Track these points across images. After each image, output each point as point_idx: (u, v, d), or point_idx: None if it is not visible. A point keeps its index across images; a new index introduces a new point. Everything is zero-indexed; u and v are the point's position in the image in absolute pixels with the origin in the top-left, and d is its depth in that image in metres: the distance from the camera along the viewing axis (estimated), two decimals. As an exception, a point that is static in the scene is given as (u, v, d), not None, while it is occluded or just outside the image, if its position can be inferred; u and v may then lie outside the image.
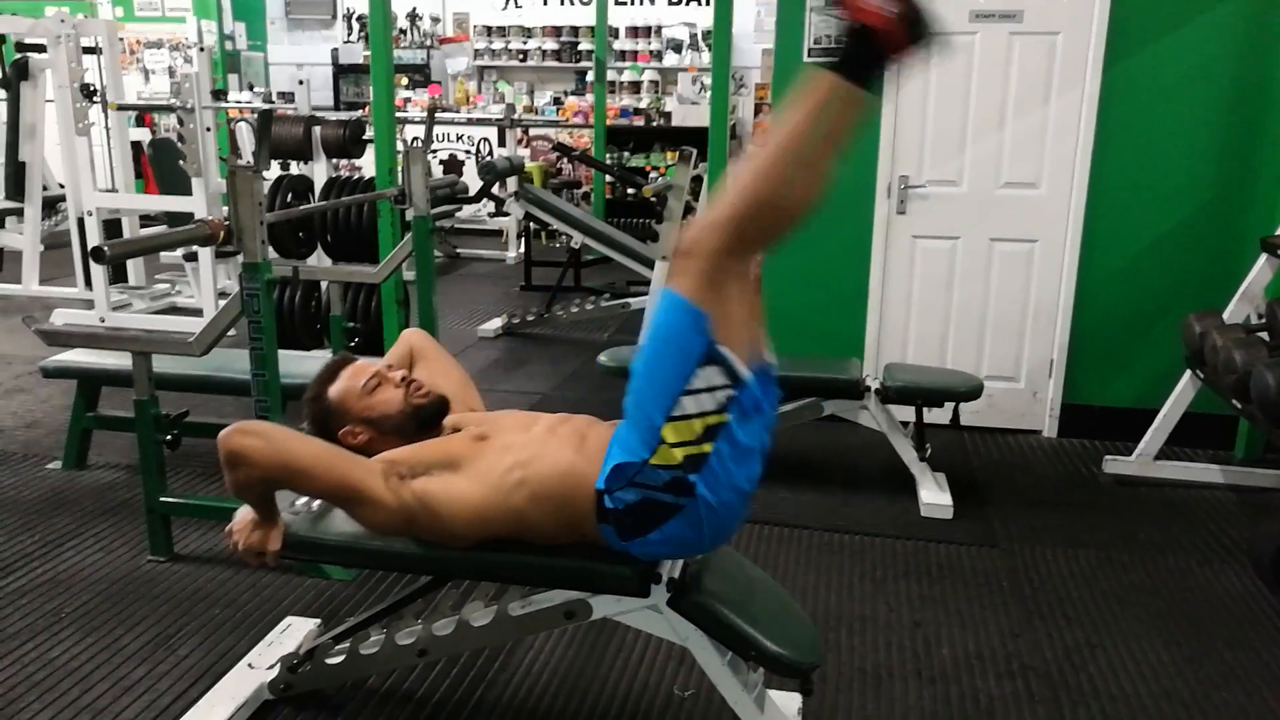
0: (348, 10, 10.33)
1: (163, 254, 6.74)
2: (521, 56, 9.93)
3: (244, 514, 1.97)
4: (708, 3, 9.11)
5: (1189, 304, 3.70)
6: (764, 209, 1.61)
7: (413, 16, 10.09)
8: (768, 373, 1.75)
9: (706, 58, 8.91)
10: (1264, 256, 3.43)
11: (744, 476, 1.75)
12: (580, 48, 9.74)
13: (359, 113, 8.13)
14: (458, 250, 8.09)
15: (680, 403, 1.68)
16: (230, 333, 2.82)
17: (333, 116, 6.21)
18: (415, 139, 7.19)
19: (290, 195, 4.96)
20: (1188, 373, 3.53)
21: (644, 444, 1.72)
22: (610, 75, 9.04)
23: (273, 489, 1.91)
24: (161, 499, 2.91)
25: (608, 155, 7.94)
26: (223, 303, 3.11)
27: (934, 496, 3.35)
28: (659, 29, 9.50)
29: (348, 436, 2.03)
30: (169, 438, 2.88)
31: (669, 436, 1.69)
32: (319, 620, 2.49)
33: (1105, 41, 3.71)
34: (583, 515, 1.82)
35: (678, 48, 9.48)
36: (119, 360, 3.26)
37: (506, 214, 6.96)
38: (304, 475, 1.83)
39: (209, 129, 5.14)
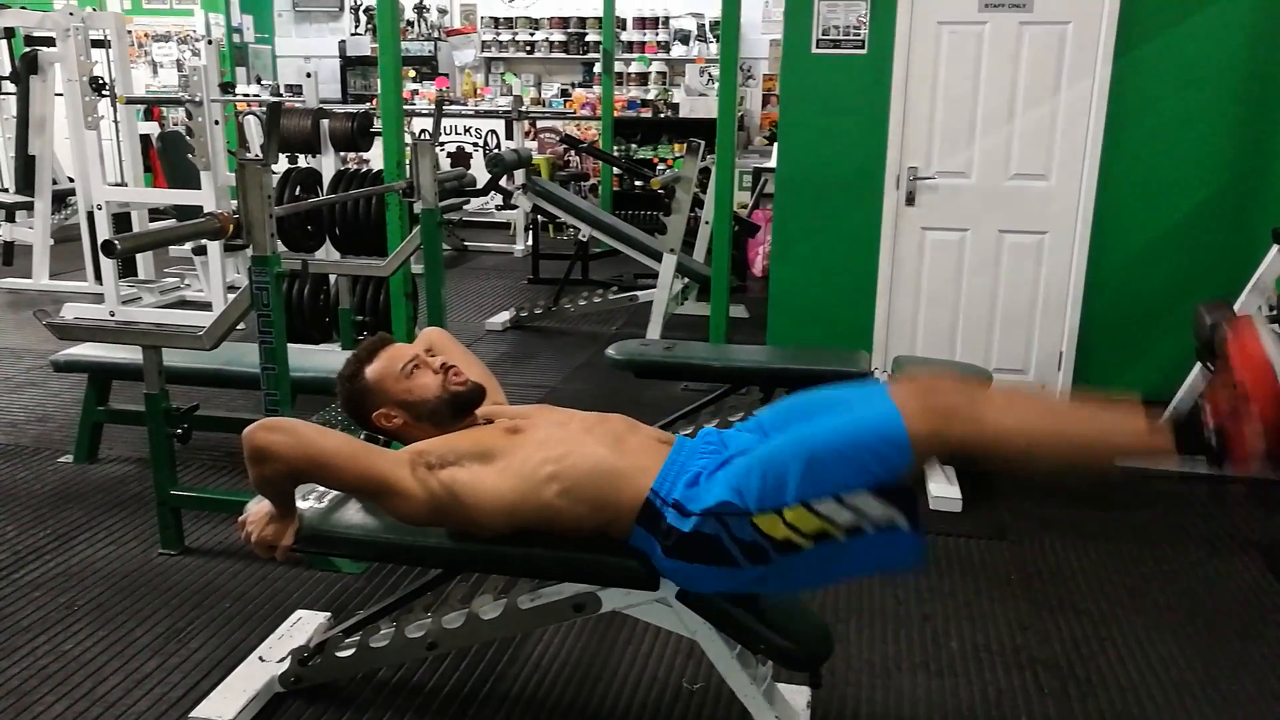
0: (355, 2, 10.33)
1: (172, 248, 6.76)
2: (529, 48, 9.91)
3: (259, 506, 1.97)
4: (715, -7, 9.07)
5: (1199, 295, 3.69)
6: (1018, 459, 1.63)
7: (420, 8, 10.07)
8: (920, 535, 1.70)
9: (714, 49, 8.89)
10: (1275, 247, 3.40)
11: (807, 584, 1.77)
12: (588, 39, 9.72)
13: (367, 105, 8.13)
14: (466, 243, 8.09)
15: (826, 501, 1.65)
16: (240, 326, 2.83)
17: (340, 109, 6.20)
18: (423, 131, 7.19)
19: (299, 188, 4.96)
20: (1198, 364, 3.52)
21: (759, 499, 1.69)
22: (618, 67, 9.01)
23: (297, 484, 1.92)
24: (172, 492, 2.92)
25: (615, 147, 7.93)
26: (232, 296, 3.12)
27: (943, 489, 3.34)
28: (666, 20, 9.48)
29: (381, 419, 2.02)
30: (179, 431, 2.89)
31: (789, 515, 1.67)
32: (329, 613, 2.50)
33: (1116, 31, 3.69)
34: (619, 515, 1.82)
35: (685, 39, 9.45)
36: (129, 354, 3.27)
37: (514, 207, 6.96)
38: (331, 468, 1.83)
39: (217, 122, 5.15)
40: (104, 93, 5.57)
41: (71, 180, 6.37)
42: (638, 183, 8.20)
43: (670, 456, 1.88)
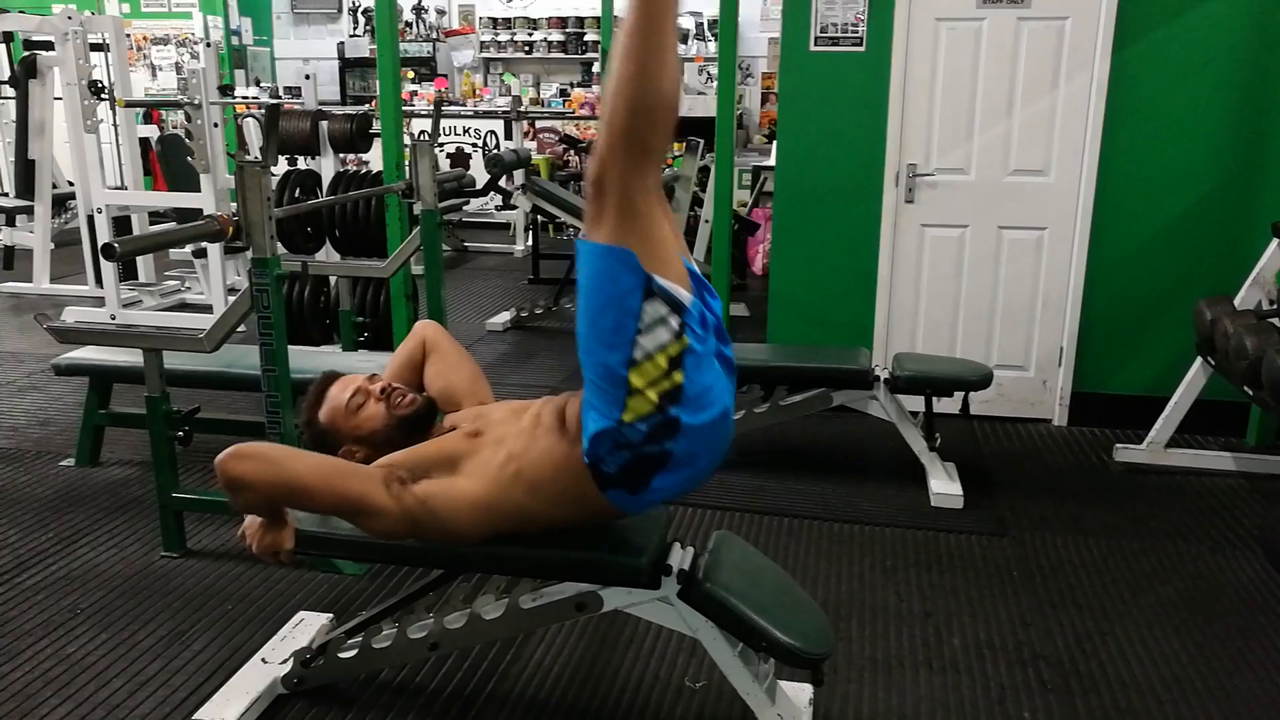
0: (353, 4, 10.34)
1: (172, 251, 6.77)
2: (527, 48, 9.92)
3: (253, 517, 1.98)
4: (713, -8, 9.07)
5: (1199, 290, 3.69)
6: (640, 108, 1.55)
7: (418, 9, 10.08)
8: (699, 279, 1.72)
9: (713, 47, 8.89)
10: (1275, 241, 3.41)
11: (719, 386, 1.73)
12: (586, 39, 9.72)
13: (366, 107, 8.13)
14: (465, 244, 8.10)
15: (637, 344, 1.63)
16: (240, 329, 2.83)
17: (339, 111, 6.21)
18: (422, 132, 7.19)
19: (298, 190, 4.98)
20: (1199, 359, 3.52)
21: (613, 402, 1.68)
22: (616, 66, 9.00)
23: (276, 507, 1.93)
24: (174, 495, 2.93)
25: (615, 146, 7.90)
26: (232, 299, 3.12)
27: (944, 486, 3.34)
28: (665, 19, 9.46)
29: (347, 455, 2.05)
30: (180, 434, 2.90)
31: (636, 382, 1.65)
32: (331, 615, 2.50)
33: (1114, 26, 3.68)
34: (582, 492, 1.81)
35: (684, 38, 9.45)
36: (130, 357, 3.28)
37: (514, 207, 6.96)
38: (304, 493, 1.85)
39: (216, 125, 5.16)
40: (103, 96, 5.58)
41: (71, 184, 6.38)
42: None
43: (582, 414, 1.84)
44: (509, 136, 8.27)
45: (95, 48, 5.99)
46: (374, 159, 6.76)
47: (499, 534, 1.90)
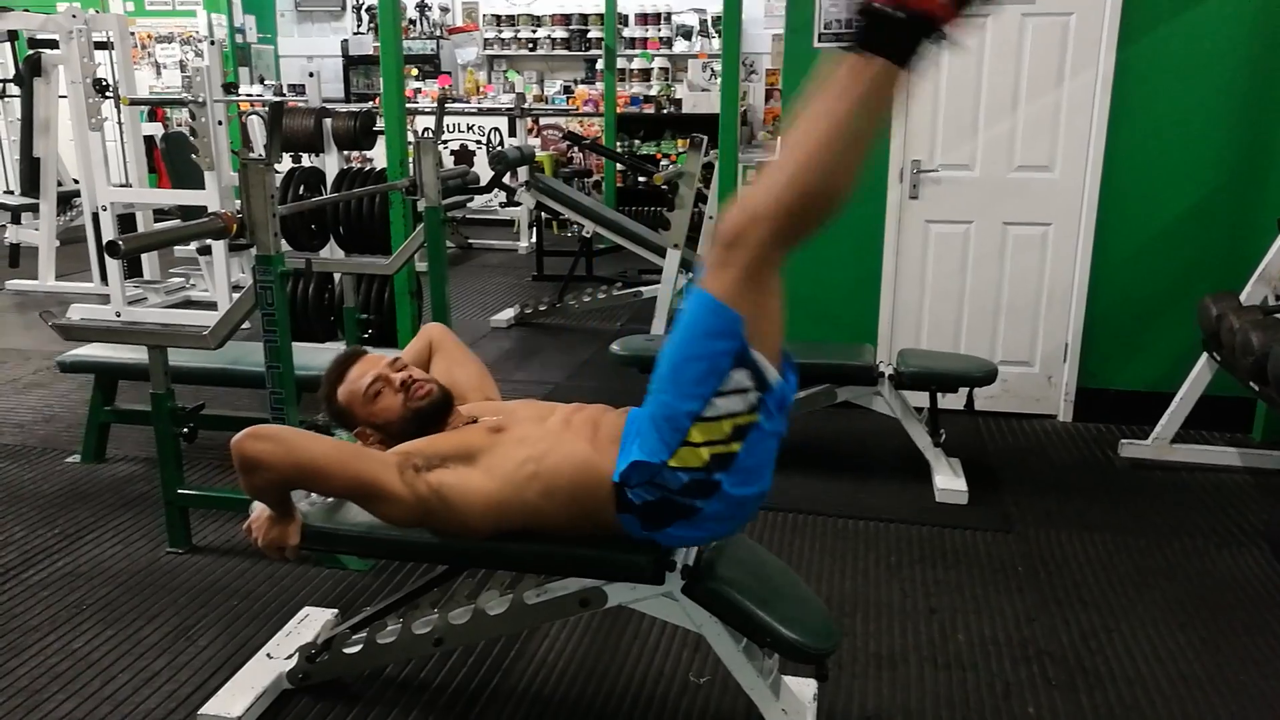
0: (357, 1, 10.33)
1: (177, 248, 6.78)
2: (531, 45, 9.91)
3: (261, 510, 1.98)
4: (717, -12, 9.06)
5: (1205, 286, 3.67)
6: (812, 199, 1.54)
7: (422, 6, 10.08)
8: (789, 362, 1.73)
9: (717, 44, 8.88)
10: (1281, 237, 3.40)
11: (767, 469, 1.76)
12: (590, 35, 9.72)
13: (369, 104, 8.13)
14: (469, 241, 8.10)
15: (711, 404, 1.65)
16: (245, 325, 2.84)
17: (343, 108, 6.21)
18: (426, 130, 7.19)
19: (302, 188, 4.97)
20: (1204, 355, 3.51)
21: (664, 445, 1.71)
22: (620, 63, 9.01)
23: (289, 490, 1.93)
24: (179, 491, 2.93)
25: (618, 143, 7.93)
26: (237, 296, 3.13)
27: (949, 482, 3.34)
28: (669, 16, 9.47)
29: (361, 437, 2.09)
30: (186, 430, 2.90)
31: (696, 437, 1.68)
32: (336, 610, 2.50)
33: (1119, 22, 3.67)
34: (599, 506, 1.82)
35: (688, 34, 9.44)
36: (135, 354, 3.29)
37: (518, 204, 6.95)
38: (319, 475, 1.85)
39: (221, 122, 5.16)
40: (107, 94, 5.59)
41: (76, 182, 6.39)
42: (641, 179, 8.20)
43: (623, 436, 1.87)
44: (513, 133, 8.27)
45: (100, 46, 5.99)
46: (378, 156, 6.76)
47: (507, 530, 1.90)
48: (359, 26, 10.39)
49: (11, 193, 7.25)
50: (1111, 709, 2.24)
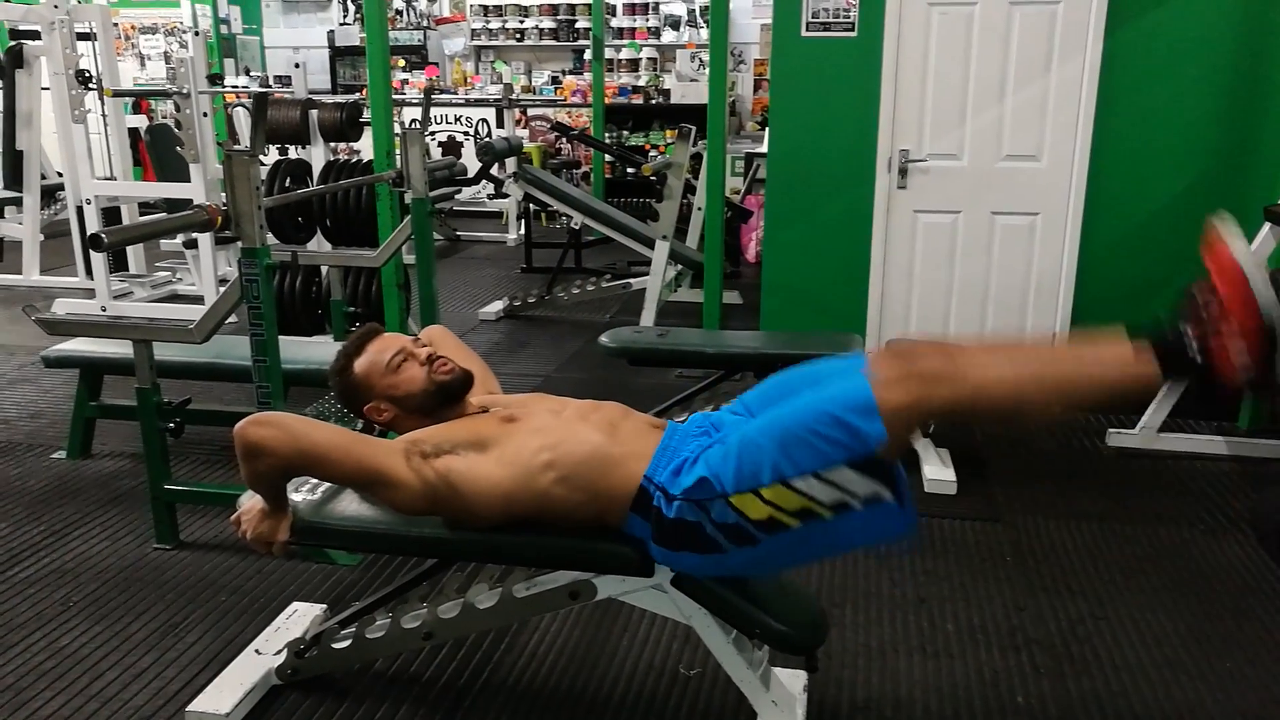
0: (343, -8, 10.27)
1: (163, 241, 6.74)
2: (519, 36, 9.87)
3: (251, 502, 1.96)
4: (705, -22, 9.03)
5: (1191, 274, 3.67)
6: (1011, 415, 1.64)
7: (408, -3, 10.02)
8: (907, 503, 1.69)
9: (705, 34, 8.84)
10: (1267, 226, 3.40)
11: (798, 561, 1.77)
12: (578, 26, 9.68)
13: (356, 95, 8.08)
14: (458, 233, 8.07)
15: (804, 477, 1.63)
16: (231, 319, 2.82)
17: (329, 100, 6.17)
18: (413, 121, 7.15)
19: (288, 180, 4.93)
20: (1192, 344, 3.51)
21: (736, 479, 1.69)
22: (608, 53, 8.99)
23: (290, 478, 1.91)
24: (166, 487, 2.92)
25: (606, 134, 7.91)
26: (223, 289, 3.11)
27: (937, 472, 3.35)
28: (656, 6, 9.44)
29: (373, 413, 2.04)
30: (172, 425, 2.89)
31: (767, 494, 1.66)
32: (325, 605, 2.50)
33: (1106, 10, 3.67)
34: (614, 500, 1.82)
35: (675, 24, 9.42)
36: (121, 349, 3.26)
37: (506, 195, 6.93)
38: (324, 462, 1.82)
39: (206, 114, 5.13)
40: (90, 86, 5.53)
41: (60, 175, 6.34)
42: (629, 170, 8.17)
43: (662, 442, 1.87)
44: (500, 124, 8.24)
45: (82, 37, 5.94)
46: (365, 148, 6.72)
47: (513, 518, 1.88)
48: (345, 17, 10.33)
49: (-6, 186, 7.19)
50: (1099, 696, 2.25)
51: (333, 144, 5.83)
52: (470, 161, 7.35)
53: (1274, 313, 1.46)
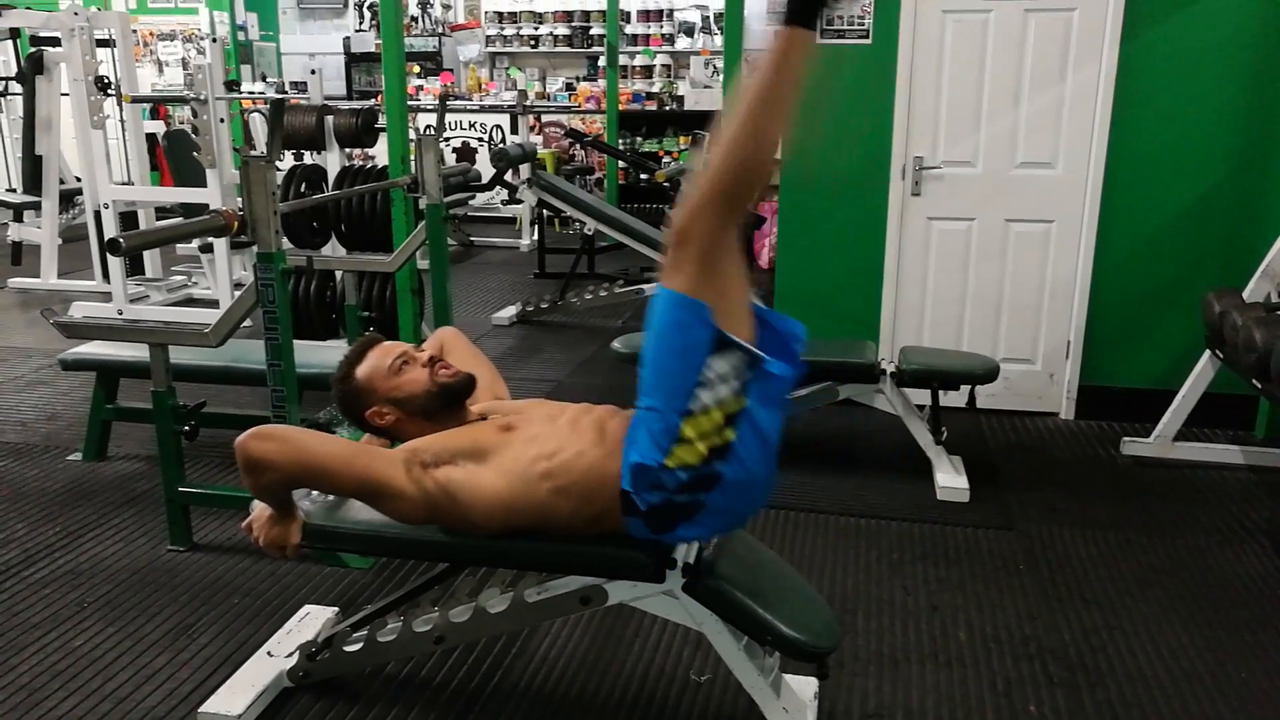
0: (359, -1, 10.33)
1: (179, 246, 6.78)
2: (533, 42, 9.90)
3: (262, 509, 1.98)
4: (719, -15, 9.04)
5: (1208, 282, 3.67)
6: (746, 172, 1.61)
7: (424, 4, 10.08)
8: (778, 332, 1.73)
9: (719, 40, 8.86)
10: (1284, 234, 3.39)
11: (770, 448, 1.74)
12: (592, 32, 9.70)
13: (371, 102, 8.13)
14: (471, 238, 8.10)
15: (696, 397, 1.66)
16: (246, 323, 2.84)
17: (345, 106, 6.21)
18: (428, 127, 7.20)
19: (304, 185, 4.98)
20: (1207, 352, 3.50)
21: (658, 446, 1.71)
22: (622, 60, 9.00)
23: (293, 489, 1.92)
24: (180, 489, 2.94)
25: (620, 141, 7.92)
26: (238, 293, 3.13)
27: (950, 480, 3.33)
28: (671, 13, 9.45)
29: (374, 417, 2.04)
30: (187, 428, 2.90)
31: (689, 433, 1.68)
32: (337, 608, 2.50)
33: (1122, 17, 3.66)
34: (607, 509, 1.82)
35: (690, 31, 9.43)
36: (137, 352, 3.29)
37: (519, 201, 6.95)
38: (325, 474, 1.84)
39: (223, 120, 5.16)
40: (109, 92, 5.59)
41: (78, 180, 6.39)
42: (643, 176, 8.18)
43: (626, 438, 1.84)
44: (515, 130, 8.27)
45: (102, 44, 5.99)
46: (379, 154, 6.76)
47: (515, 528, 1.89)
48: (361, 24, 10.38)
49: (14, 190, 7.26)
50: (1113, 706, 2.23)
51: (348, 150, 5.87)
52: (484, 167, 7.38)
53: None
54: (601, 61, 8.63)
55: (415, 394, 2.02)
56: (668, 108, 8.95)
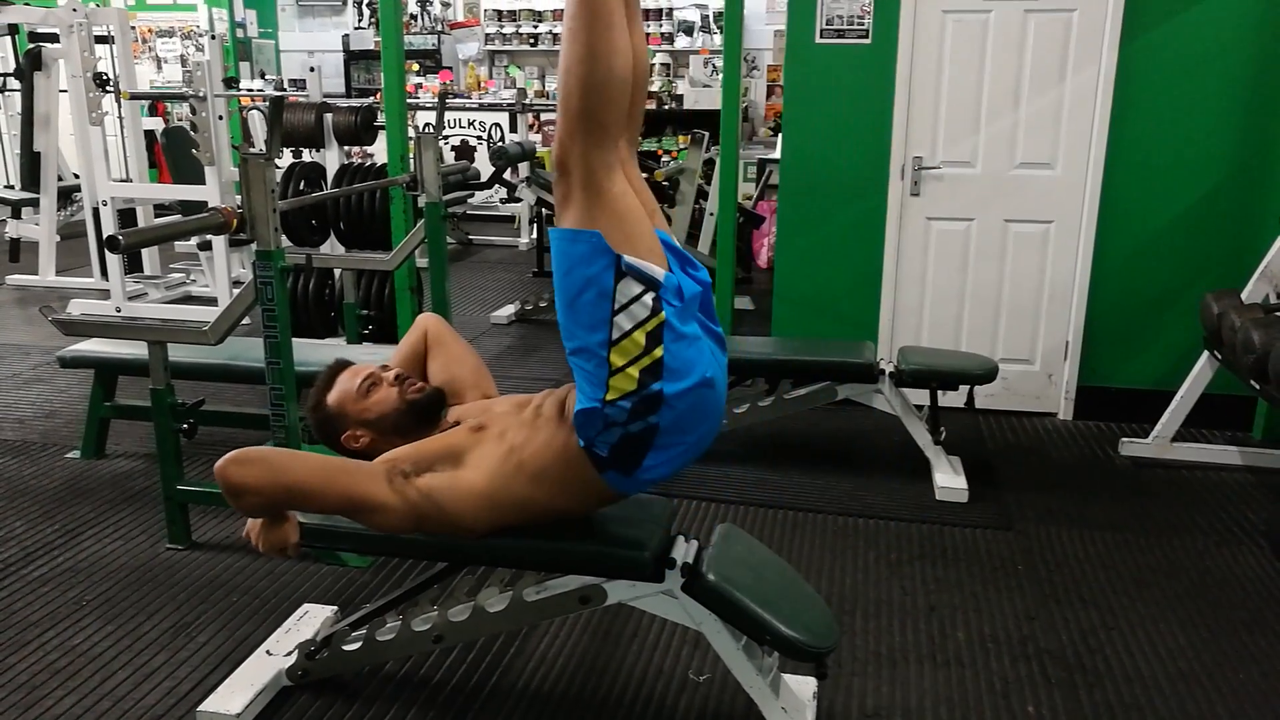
0: (358, -4, 10.32)
1: (178, 243, 6.78)
2: (532, 40, 9.89)
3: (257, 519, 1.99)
4: (719, -16, 9.03)
5: (1207, 283, 3.67)
6: (589, 87, 1.60)
7: (423, 2, 10.06)
8: (677, 251, 1.74)
9: (718, 40, 8.86)
10: (1283, 235, 3.39)
11: (704, 356, 1.73)
12: (591, 31, 9.68)
13: (370, 99, 8.12)
14: (470, 236, 8.09)
15: (615, 324, 1.66)
16: (245, 321, 2.84)
17: (344, 103, 6.20)
18: (427, 125, 7.19)
19: (303, 183, 4.97)
20: (1205, 353, 3.50)
21: (596, 383, 1.71)
22: (621, 58, 8.97)
23: (277, 511, 1.93)
24: (179, 487, 2.93)
25: (619, 139, 7.89)
26: (237, 291, 3.13)
27: (949, 480, 3.34)
28: (670, 11, 9.45)
29: (350, 441, 2.06)
30: (185, 426, 2.90)
31: (617, 360, 1.68)
32: (336, 607, 2.50)
33: (1121, 18, 3.66)
34: (583, 477, 1.83)
35: (689, 30, 9.42)
36: (135, 349, 3.28)
37: (518, 199, 6.95)
38: (307, 495, 1.85)
39: (221, 117, 5.16)
40: (108, 89, 5.58)
41: (77, 176, 6.39)
42: (642, 175, 8.17)
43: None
44: (514, 129, 8.26)
45: (100, 40, 5.99)
46: (379, 152, 6.75)
47: (505, 526, 1.90)
48: (360, 21, 10.37)
49: (12, 187, 7.25)
50: (1111, 707, 2.24)
51: (347, 147, 5.86)
52: (483, 166, 7.38)
53: None
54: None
55: (386, 413, 2.04)
56: (666, 107, 8.95)
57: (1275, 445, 3.69)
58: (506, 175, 6.17)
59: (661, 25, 9.47)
